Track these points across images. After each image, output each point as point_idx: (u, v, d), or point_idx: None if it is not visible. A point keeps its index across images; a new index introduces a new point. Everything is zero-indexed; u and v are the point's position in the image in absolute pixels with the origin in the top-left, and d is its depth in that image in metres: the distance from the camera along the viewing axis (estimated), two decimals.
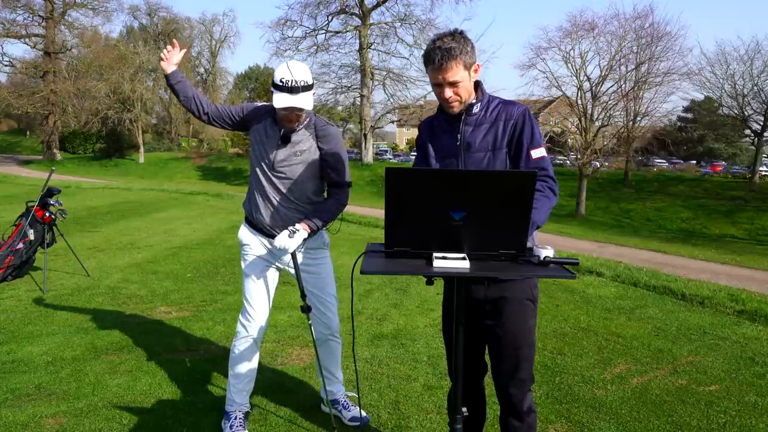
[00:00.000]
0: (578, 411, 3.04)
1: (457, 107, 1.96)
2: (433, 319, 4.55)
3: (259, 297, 2.67)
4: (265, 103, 2.66)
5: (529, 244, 1.61)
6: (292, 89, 2.35)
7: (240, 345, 2.67)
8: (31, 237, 5.58)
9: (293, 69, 2.37)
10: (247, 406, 2.78)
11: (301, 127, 2.54)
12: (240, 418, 2.70)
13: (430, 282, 1.61)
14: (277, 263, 2.72)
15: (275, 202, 2.59)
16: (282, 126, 2.53)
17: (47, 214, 5.66)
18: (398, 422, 2.89)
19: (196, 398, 3.10)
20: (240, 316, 2.69)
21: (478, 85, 2.00)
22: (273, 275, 2.74)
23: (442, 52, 1.83)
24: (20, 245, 5.50)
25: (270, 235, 2.62)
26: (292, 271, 2.67)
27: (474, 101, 1.97)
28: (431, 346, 3.96)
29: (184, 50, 2.64)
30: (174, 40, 2.67)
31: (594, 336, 4.28)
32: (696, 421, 2.96)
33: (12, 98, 36.59)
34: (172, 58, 2.55)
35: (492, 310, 1.98)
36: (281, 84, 2.36)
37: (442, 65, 1.84)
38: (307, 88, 2.39)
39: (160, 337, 4.03)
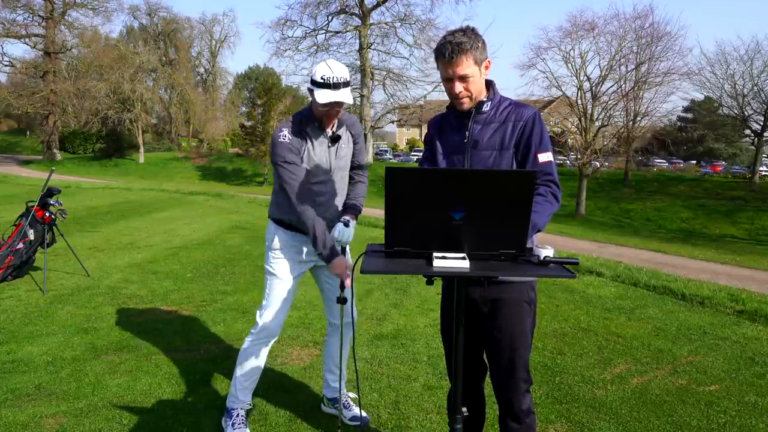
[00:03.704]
0: (578, 411, 3.04)
1: (467, 103, 1.96)
2: (433, 319, 4.55)
3: (283, 298, 2.69)
4: (284, 130, 2.54)
5: (528, 245, 1.61)
6: (334, 85, 2.42)
7: (255, 342, 2.69)
8: (31, 237, 5.59)
9: (333, 66, 2.44)
10: (249, 404, 2.79)
11: (337, 123, 2.62)
12: (242, 416, 2.72)
13: (430, 282, 1.61)
14: (305, 264, 2.75)
15: (330, 201, 2.64)
16: (322, 126, 2.57)
17: (47, 214, 5.66)
18: (398, 422, 2.89)
19: (196, 398, 3.10)
20: (259, 315, 2.68)
21: (490, 84, 2.00)
22: (298, 278, 2.77)
23: (453, 46, 1.84)
24: (20, 245, 5.50)
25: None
26: (320, 263, 2.72)
27: (485, 99, 1.97)
28: (431, 346, 3.96)
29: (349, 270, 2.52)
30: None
31: (594, 336, 4.28)
32: (696, 421, 2.96)
33: (12, 98, 36.53)
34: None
35: (488, 311, 1.98)
36: (322, 81, 2.41)
37: (452, 59, 1.85)
38: (347, 84, 2.47)
39: (160, 337, 4.03)
